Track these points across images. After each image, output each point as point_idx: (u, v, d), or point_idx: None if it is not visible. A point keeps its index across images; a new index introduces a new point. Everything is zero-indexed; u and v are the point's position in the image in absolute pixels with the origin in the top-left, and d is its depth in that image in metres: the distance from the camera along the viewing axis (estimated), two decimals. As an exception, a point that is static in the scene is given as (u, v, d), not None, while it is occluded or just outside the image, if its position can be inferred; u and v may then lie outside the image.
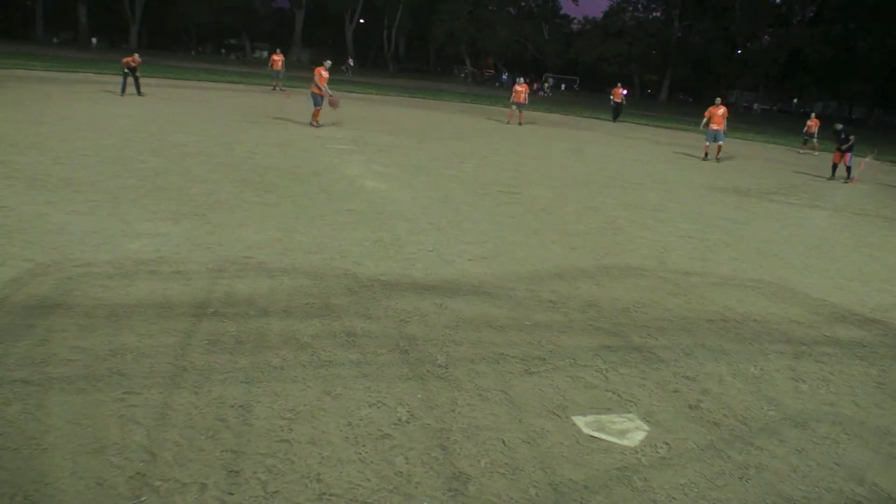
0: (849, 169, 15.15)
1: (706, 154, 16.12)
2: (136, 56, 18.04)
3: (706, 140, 16.14)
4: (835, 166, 15.38)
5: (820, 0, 57.96)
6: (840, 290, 6.01)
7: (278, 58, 25.14)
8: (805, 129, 22.46)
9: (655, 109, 44.01)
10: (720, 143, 15.85)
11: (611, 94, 27.87)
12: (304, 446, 2.75)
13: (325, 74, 14.50)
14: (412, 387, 3.35)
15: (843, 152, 15.04)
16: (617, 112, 27.75)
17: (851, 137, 15.00)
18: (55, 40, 54.64)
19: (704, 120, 15.95)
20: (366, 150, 11.77)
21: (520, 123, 20.93)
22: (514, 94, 21.03)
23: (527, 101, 21.49)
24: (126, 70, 17.52)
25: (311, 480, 2.54)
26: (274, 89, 24.83)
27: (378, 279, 4.94)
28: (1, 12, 53.54)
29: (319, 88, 14.34)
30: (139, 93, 17.48)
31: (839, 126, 15.63)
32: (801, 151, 22.74)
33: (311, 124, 14.39)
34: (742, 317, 4.97)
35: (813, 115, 22.70)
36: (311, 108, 14.56)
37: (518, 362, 3.76)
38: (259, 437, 2.78)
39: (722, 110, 15.59)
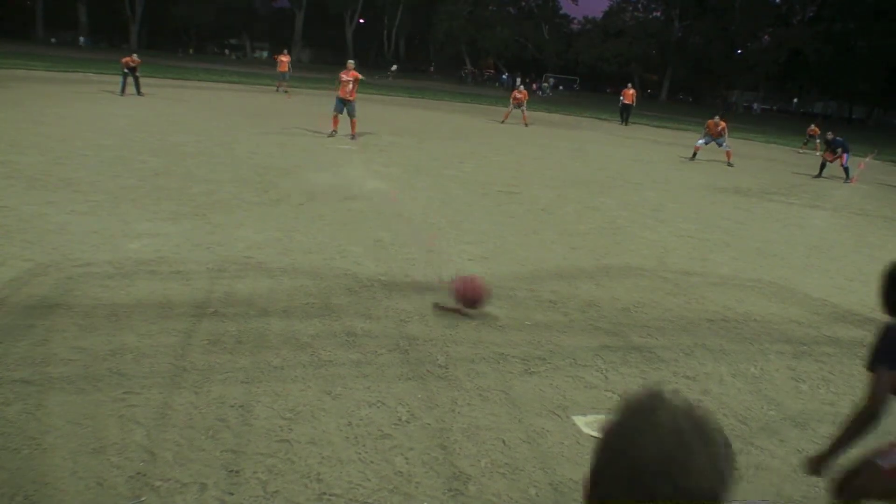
0: (846, 170, 15.21)
1: (694, 154, 16.15)
2: (135, 56, 18.03)
3: (699, 141, 16.20)
4: (823, 164, 15.59)
5: (820, 0, 57.92)
6: (840, 290, 6.01)
7: (286, 59, 24.51)
8: (808, 130, 22.79)
9: (655, 109, 43.99)
10: (728, 149, 15.91)
11: (620, 96, 26.87)
12: (304, 446, 2.75)
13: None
14: (412, 387, 3.35)
15: (835, 153, 15.36)
16: (625, 114, 26.72)
17: (841, 141, 15.42)
18: (53, 40, 54.63)
19: (705, 129, 16.39)
20: (366, 150, 11.77)
21: (525, 125, 21.08)
22: (513, 99, 21.73)
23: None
24: (126, 70, 17.52)
25: (311, 480, 2.54)
26: (277, 90, 24.53)
27: (378, 279, 4.94)
28: (1, 12, 53.49)
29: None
30: (139, 93, 17.48)
31: (829, 136, 16.14)
32: (801, 151, 22.81)
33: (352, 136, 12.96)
34: (742, 317, 4.97)
35: (813, 125, 22.92)
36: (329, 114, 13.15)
37: (518, 362, 3.77)
38: (259, 437, 2.78)
39: (720, 127, 15.64)
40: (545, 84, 54.87)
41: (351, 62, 13.61)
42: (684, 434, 0.73)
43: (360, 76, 13.16)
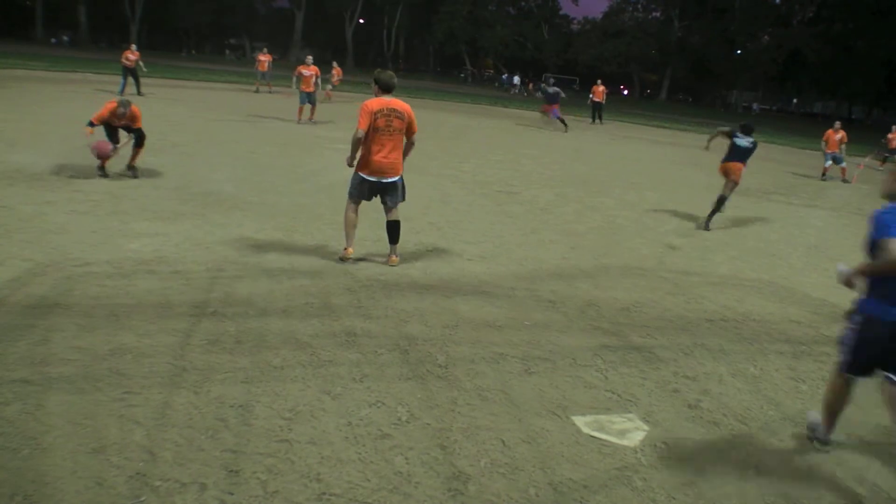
0: (562, 120, 17.52)
1: (824, 173, 15.68)
2: (134, 47, 17.85)
3: (826, 161, 15.61)
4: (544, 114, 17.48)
5: (819, 0, 57.94)
6: (840, 290, 5.97)
7: (265, 58, 23.77)
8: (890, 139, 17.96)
9: (655, 109, 44.00)
10: (842, 165, 15.41)
11: (591, 93, 24.88)
12: (304, 446, 2.75)
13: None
14: (412, 387, 3.35)
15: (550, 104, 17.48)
16: (598, 112, 25.15)
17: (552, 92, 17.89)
18: (54, 40, 54.57)
19: (823, 143, 15.70)
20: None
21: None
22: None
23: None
24: (125, 61, 17.39)
25: (310, 480, 2.54)
26: (257, 91, 23.37)
27: (378, 279, 4.94)
28: (1, 12, 53.39)
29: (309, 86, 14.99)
30: (139, 92, 17.44)
31: (549, 83, 18.10)
32: (880, 167, 18.43)
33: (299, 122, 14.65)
34: (742, 317, 4.98)
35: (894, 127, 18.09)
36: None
37: (518, 362, 3.77)
38: (259, 436, 2.78)
39: (840, 135, 15.19)
40: (544, 84, 54.79)
41: (310, 58, 15.27)
42: (388, 72, 5.01)
43: (318, 70, 15.05)
